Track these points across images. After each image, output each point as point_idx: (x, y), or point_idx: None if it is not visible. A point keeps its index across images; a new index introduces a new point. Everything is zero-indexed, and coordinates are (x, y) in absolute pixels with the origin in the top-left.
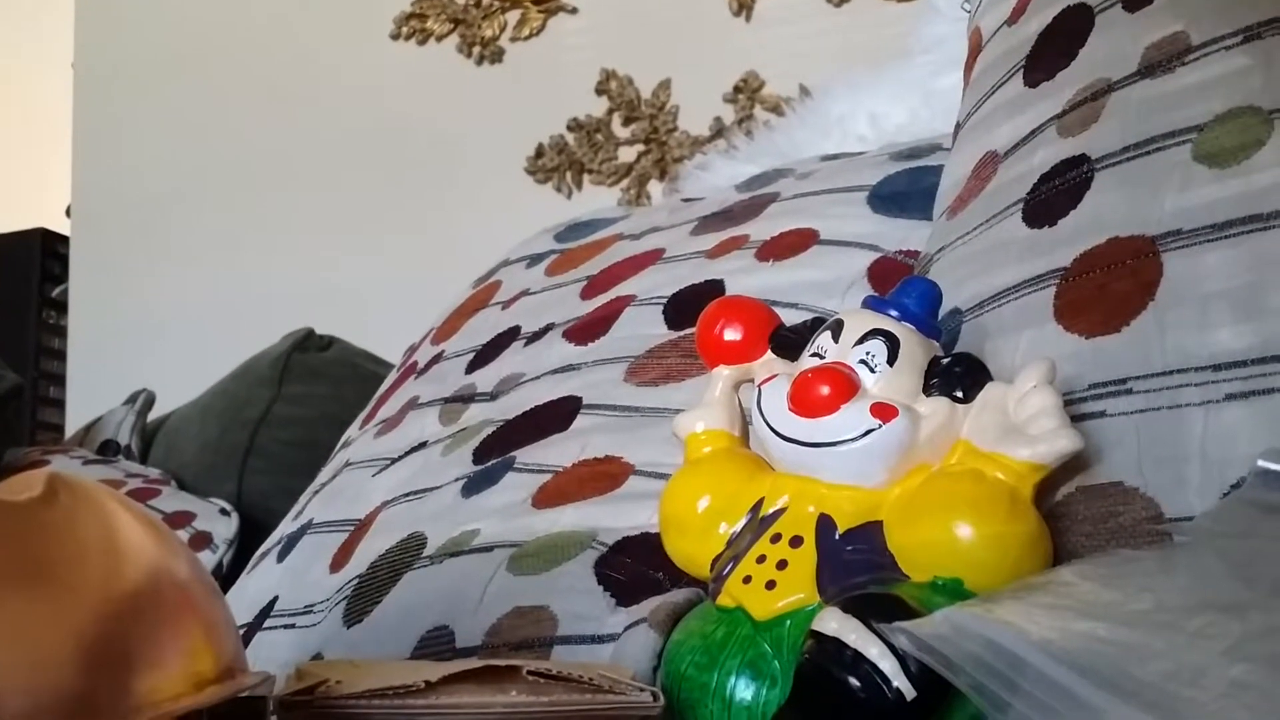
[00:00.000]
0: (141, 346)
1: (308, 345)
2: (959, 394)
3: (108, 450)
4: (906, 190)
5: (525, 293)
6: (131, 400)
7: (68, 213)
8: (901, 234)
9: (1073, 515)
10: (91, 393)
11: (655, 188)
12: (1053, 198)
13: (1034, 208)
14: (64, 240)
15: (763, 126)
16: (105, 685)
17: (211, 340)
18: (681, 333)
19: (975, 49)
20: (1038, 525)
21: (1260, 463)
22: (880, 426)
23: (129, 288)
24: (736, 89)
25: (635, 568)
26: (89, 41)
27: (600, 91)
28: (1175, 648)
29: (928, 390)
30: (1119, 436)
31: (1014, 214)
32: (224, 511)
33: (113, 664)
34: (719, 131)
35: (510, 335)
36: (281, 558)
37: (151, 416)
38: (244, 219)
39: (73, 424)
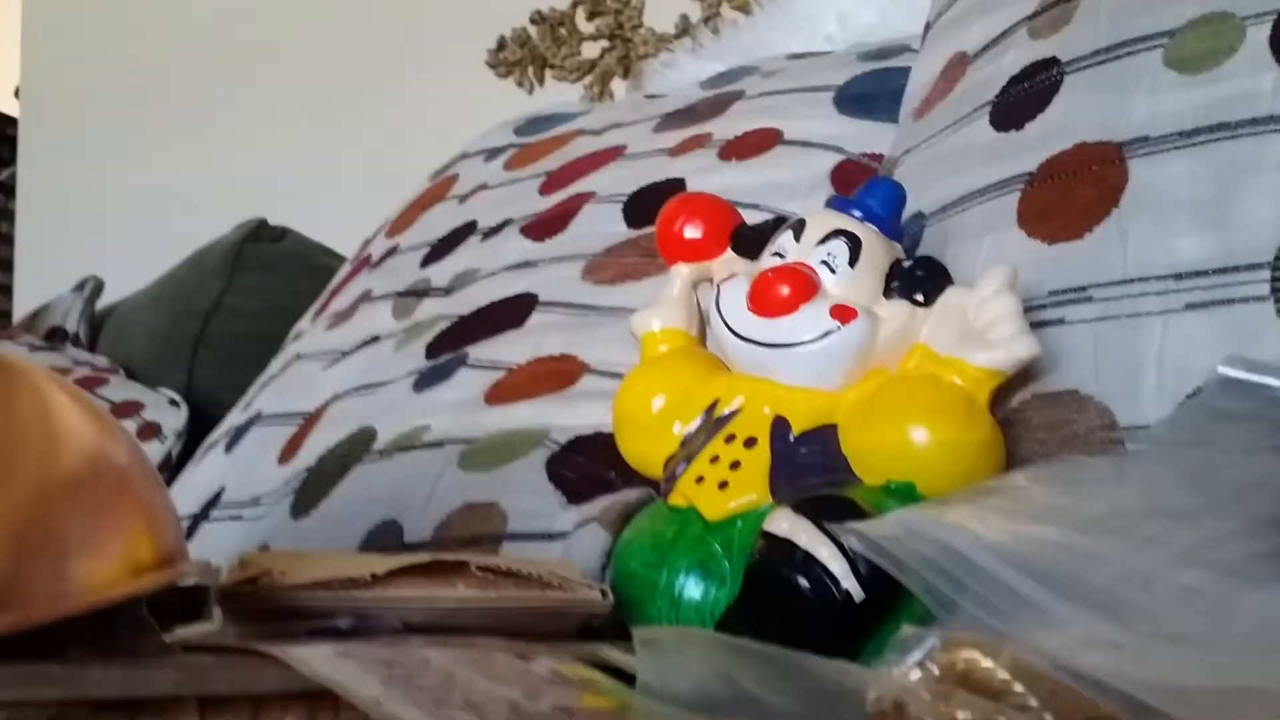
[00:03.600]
0: (90, 233)
1: (260, 236)
2: (919, 297)
3: (55, 337)
4: (874, 92)
5: (483, 187)
6: (80, 287)
7: (16, 94)
8: (867, 136)
9: (1027, 422)
10: (39, 278)
11: (619, 86)
12: (1021, 101)
13: (1002, 111)
14: (12, 122)
15: (730, 25)
16: (38, 570)
17: (162, 228)
18: (641, 231)
19: None
20: (992, 431)
21: (1221, 369)
22: (839, 328)
23: (78, 172)
24: None
25: (587, 466)
26: None
27: None
28: (1127, 553)
29: (888, 293)
30: (1077, 344)
31: (981, 117)
32: (173, 402)
33: (47, 548)
34: (685, 29)
35: (467, 230)
36: (229, 449)
37: (100, 304)
38: (198, 105)
39: (19, 310)
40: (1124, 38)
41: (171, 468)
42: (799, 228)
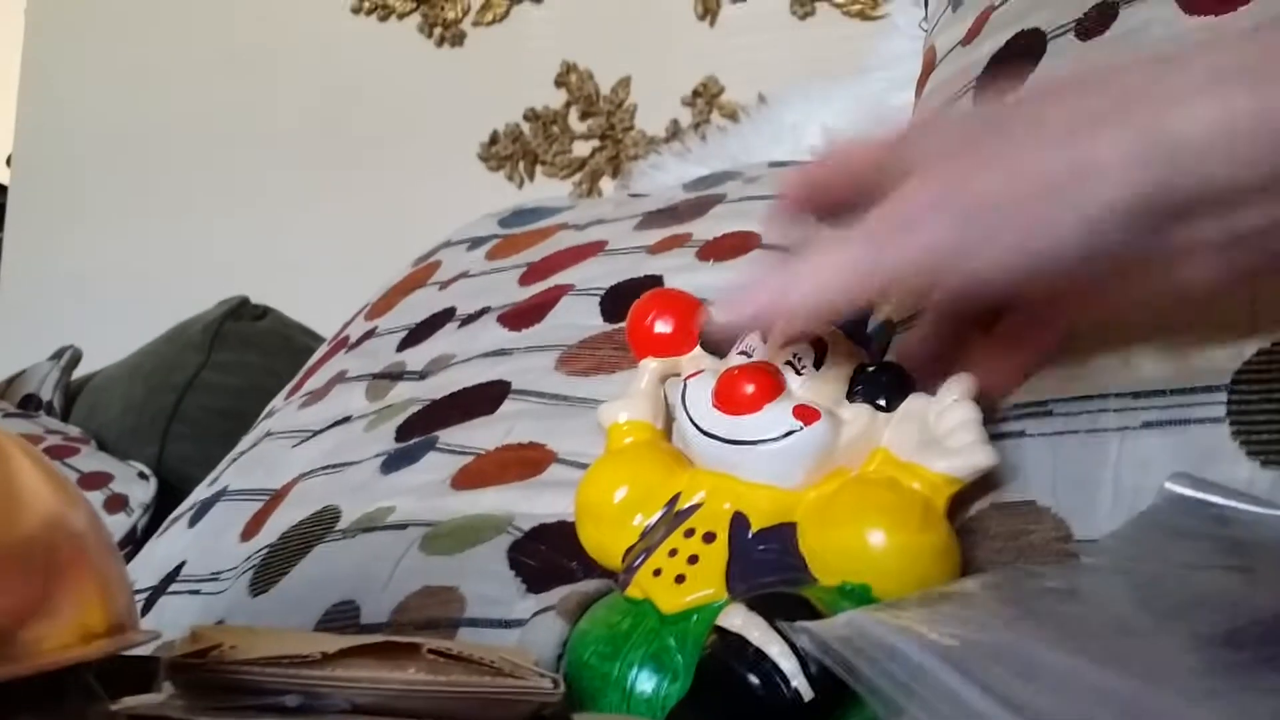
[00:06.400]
0: (72, 303)
1: (241, 313)
2: (882, 402)
3: (29, 405)
4: None
5: (464, 275)
6: (57, 356)
7: (8, 162)
8: None
9: (985, 530)
10: (17, 346)
11: (607, 184)
12: None
13: None
14: (1, 190)
15: (718, 131)
16: None
17: (144, 302)
18: (616, 325)
19: (929, 67)
20: (949, 537)
21: (1168, 485)
22: (801, 428)
23: (65, 242)
24: (695, 93)
25: (549, 555)
26: None
27: (559, 84)
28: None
29: (851, 396)
30: (1036, 456)
31: None
32: (143, 475)
33: None
34: (674, 133)
35: (445, 316)
36: (193, 523)
37: (77, 375)
38: (189, 184)
39: None
40: None
41: (137, 541)
42: None
